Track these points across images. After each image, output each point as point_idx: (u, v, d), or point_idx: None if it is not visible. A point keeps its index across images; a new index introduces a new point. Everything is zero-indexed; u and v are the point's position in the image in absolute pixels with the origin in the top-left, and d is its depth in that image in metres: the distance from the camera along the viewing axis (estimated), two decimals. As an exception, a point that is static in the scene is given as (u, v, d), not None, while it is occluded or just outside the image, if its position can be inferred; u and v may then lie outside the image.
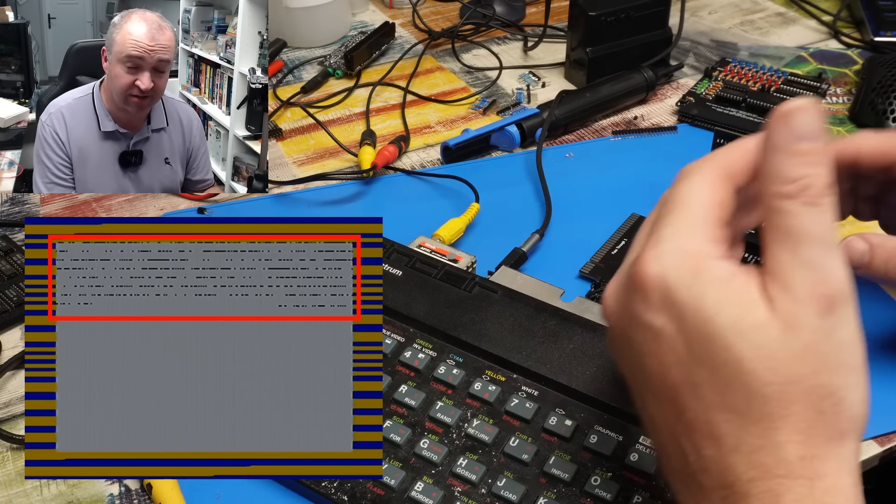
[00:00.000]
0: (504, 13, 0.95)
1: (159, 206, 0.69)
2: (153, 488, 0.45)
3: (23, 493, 0.47)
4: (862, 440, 0.48)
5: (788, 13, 0.97)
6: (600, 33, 0.79)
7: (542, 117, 0.74)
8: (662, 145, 0.74)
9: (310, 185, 0.70)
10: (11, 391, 0.53)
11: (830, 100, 0.79)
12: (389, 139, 0.74)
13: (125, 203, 0.69)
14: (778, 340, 0.31)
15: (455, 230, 0.61)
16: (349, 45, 0.87)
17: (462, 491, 0.43)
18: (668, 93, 0.82)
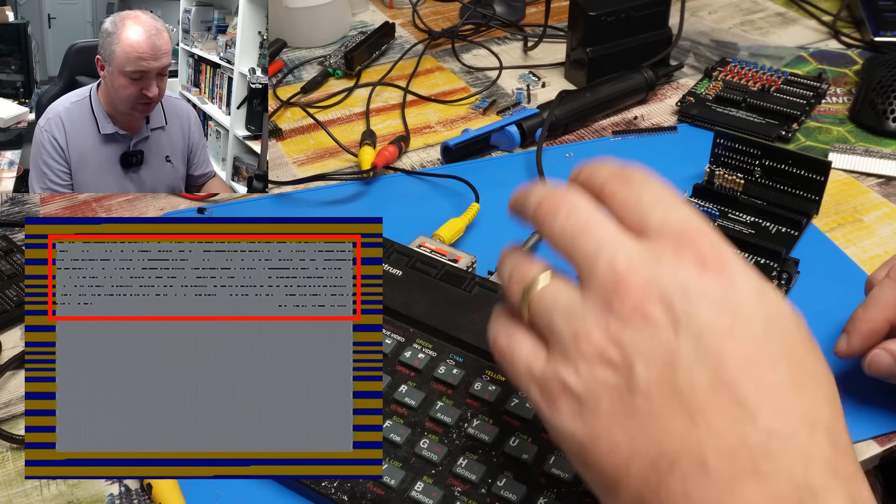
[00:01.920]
0: (504, 13, 0.95)
1: (159, 206, 0.69)
2: (153, 488, 0.45)
3: (23, 493, 0.47)
4: (857, 441, 0.48)
5: (788, 13, 0.97)
6: (600, 33, 0.79)
7: (542, 117, 0.74)
8: (662, 145, 0.74)
9: (310, 185, 0.70)
10: (11, 391, 0.53)
11: (830, 100, 0.79)
12: (389, 139, 0.74)
13: (125, 203, 0.69)
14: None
15: (455, 230, 0.61)
16: (349, 45, 0.87)
17: (462, 491, 0.43)
18: (668, 93, 0.82)
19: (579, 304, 0.33)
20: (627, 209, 0.34)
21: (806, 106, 0.76)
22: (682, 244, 0.32)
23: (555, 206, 0.35)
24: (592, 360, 0.32)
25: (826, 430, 0.30)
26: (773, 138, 0.72)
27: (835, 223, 0.64)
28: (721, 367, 0.30)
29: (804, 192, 0.64)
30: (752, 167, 0.65)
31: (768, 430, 0.29)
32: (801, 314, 0.33)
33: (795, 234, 0.62)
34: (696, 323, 0.30)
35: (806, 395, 0.30)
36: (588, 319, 0.32)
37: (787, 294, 0.57)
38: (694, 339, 0.30)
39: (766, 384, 0.30)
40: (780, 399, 0.30)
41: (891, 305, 0.47)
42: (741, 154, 0.65)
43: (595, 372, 0.31)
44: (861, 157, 0.70)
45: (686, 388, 0.30)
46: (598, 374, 0.31)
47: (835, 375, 0.50)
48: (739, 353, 0.30)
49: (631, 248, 0.32)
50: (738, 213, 0.64)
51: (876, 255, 0.61)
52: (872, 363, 0.47)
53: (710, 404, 0.30)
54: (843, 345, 0.48)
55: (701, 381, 0.30)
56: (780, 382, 0.30)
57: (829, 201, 0.66)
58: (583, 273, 0.34)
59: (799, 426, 0.29)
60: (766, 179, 0.65)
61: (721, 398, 0.30)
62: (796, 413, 0.30)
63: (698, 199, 0.64)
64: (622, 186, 0.35)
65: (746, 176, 0.65)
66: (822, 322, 0.55)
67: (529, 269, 0.36)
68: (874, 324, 0.47)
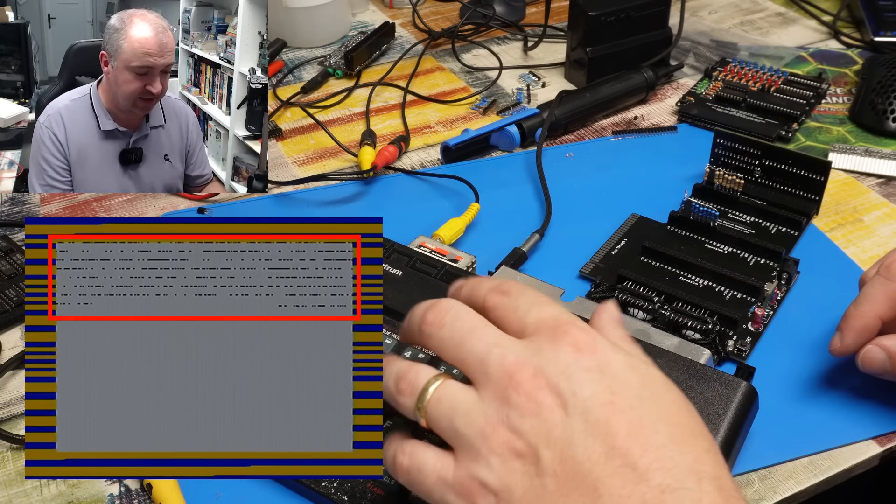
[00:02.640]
0: (504, 13, 0.95)
1: (159, 206, 0.69)
2: (153, 488, 0.45)
3: (23, 493, 0.47)
4: (859, 441, 0.48)
5: (788, 13, 0.97)
6: (600, 33, 0.79)
7: (542, 117, 0.74)
8: (662, 145, 0.74)
9: (310, 185, 0.70)
10: (11, 391, 0.53)
11: (830, 100, 0.79)
12: (389, 139, 0.74)
13: (125, 203, 0.69)
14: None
15: (455, 230, 0.61)
16: (349, 45, 0.87)
17: (462, 491, 0.43)
18: (668, 93, 0.82)
19: (477, 402, 0.35)
20: (507, 316, 0.37)
21: (806, 106, 0.76)
22: (557, 335, 0.35)
23: (439, 316, 0.38)
24: (503, 453, 0.34)
25: (711, 479, 0.33)
26: (773, 138, 0.72)
27: (835, 223, 0.64)
28: (610, 436, 0.33)
29: (804, 192, 0.64)
30: (752, 167, 0.65)
31: (661, 486, 0.32)
32: (669, 381, 0.36)
33: (795, 234, 0.62)
34: (581, 400, 0.34)
35: (688, 451, 0.33)
36: (490, 416, 0.34)
37: (787, 294, 0.57)
38: (582, 416, 0.33)
39: (651, 446, 0.33)
40: (665, 458, 0.33)
41: (881, 302, 0.47)
42: (741, 154, 0.65)
43: (507, 464, 0.34)
44: (861, 157, 0.70)
45: (585, 461, 0.33)
46: (510, 465, 0.34)
47: (834, 375, 0.51)
48: (623, 422, 0.33)
49: (516, 346, 0.36)
50: (738, 213, 0.64)
51: (876, 255, 0.61)
52: (865, 360, 0.47)
53: (607, 472, 0.32)
54: (836, 343, 0.49)
55: (596, 452, 0.33)
56: (663, 443, 0.33)
57: (829, 201, 0.66)
58: (475, 373, 0.36)
59: (686, 479, 0.32)
60: (766, 179, 0.65)
61: (616, 465, 0.32)
62: (682, 468, 0.32)
63: (698, 198, 0.64)
64: (501, 298, 0.38)
65: (746, 176, 0.65)
66: (821, 322, 0.55)
67: (418, 374, 0.37)
68: (866, 320, 0.48)
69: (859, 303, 0.48)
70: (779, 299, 0.57)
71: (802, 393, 0.51)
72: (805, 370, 0.52)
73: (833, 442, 0.48)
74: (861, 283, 0.50)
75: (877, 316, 0.48)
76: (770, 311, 0.56)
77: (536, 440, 0.33)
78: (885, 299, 0.48)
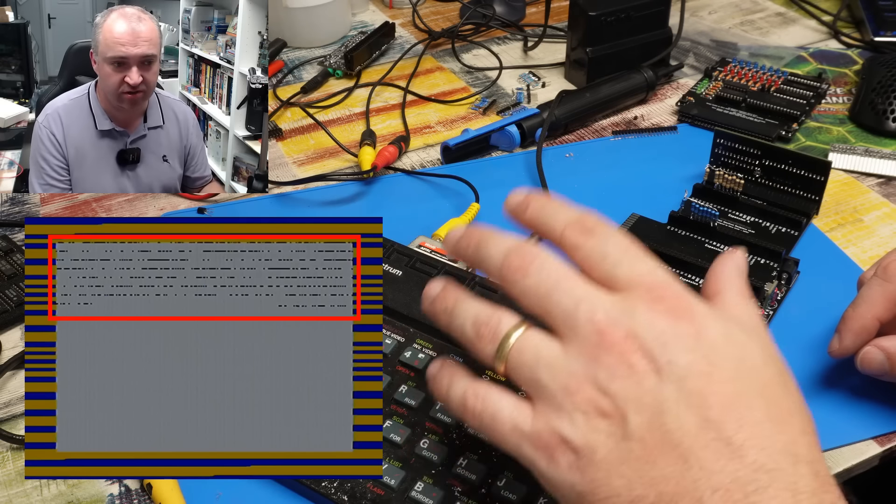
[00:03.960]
0: (504, 13, 0.95)
1: (159, 206, 0.69)
2: (153, 488, 0.45)
3: (23, 493, 0.47)
4: (862, 440, 0.48)
5: (788, 13, 0.97)
6: (600, 33, 0.79)
7: (542, 117, 0.74)
8: (662, 145, 0.74)
9: (310, 186, 0.70)
10: (11, 391, 0.53)
11: (830, 100, 0.79)
12: (389, 139, 0.74)
13: (125, 203, 0.69)
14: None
15: (455, 230, 0.61)
16: (349, 45, 0.87)
17: (462, 491, 0.43)
18: (668, 93, 0.82)
19: (561, 356, 0.34)
20: (594, 263, 0.36)
21: (806, 106, 0.76)
22: (653, 297, 0.34)
23: (523, 263, 0.36)
24: (588, 411, 0.33)
25: (808, 463, 0.31)
26: (773, 138, 0.72)
27: (835, 223, 0.64)
28: (705, 407, 0.32)
29: (804, 192, 0.64)
30: (752, 167, 0.65)
31: (755, 465, 0.31)
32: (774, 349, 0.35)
33: (795, 234, 0.62)
34: (676, 369, 0.32)
35: (784, 431, 0.32)
36: (575, 372, 0.33)
37: (787, 294, 0.57)
38: (677, 385, 0.32)
39: (747, 422, 0.31)
40: (761, 435, 0.31)
41: (879, 303, 0.48)
42: (741, 154, 0.65)
43: (591, 422, 0.33)
44: (861, 157, 0.70)
45: (676, 430, 0.31)
46: (594, 423, 0.32)
47: (833, 375, 0.50)
48: (719, 394, 0.32)
49: (606, 302, 0.34)
50: (738, 213, 0.64)
51: (876, 255, 0.61)
52: (864, 360, 0.48)
53: (699, 444, 0.31)
54: (835, 344, 0.49)
55: (688, 423, 0.31)
56: (758, 419, 0.32)
57: (829, 201, 0.66)
58: (560, 327, 0.34)
59: (782, 460, 0.31)
60: (766, 179, 0.65)
61: (709, 437, 0.31)
62: (777, 448, 0.31)
63: (698, 199, 0.64)
64: (585, 239, 0.36)
65: (746, 176, 0.65)
66: (821, 322, 0.55)
67: (500, 321, 0.36)
68: (864, 322, 0.48)
69: (857, 304, 0.48)
70: (779, 299, 0.57)
71: (802, 393, 0.51)
72: (805, 370, 0.52)
73: (833, 442, 0.48)
74: (859, 284, 0.50)
75: (875, 317, 0.48)
76: (770, 311, 0.56)
77: (625, 403, 0.32)
78: (882, 301, 0.48)
